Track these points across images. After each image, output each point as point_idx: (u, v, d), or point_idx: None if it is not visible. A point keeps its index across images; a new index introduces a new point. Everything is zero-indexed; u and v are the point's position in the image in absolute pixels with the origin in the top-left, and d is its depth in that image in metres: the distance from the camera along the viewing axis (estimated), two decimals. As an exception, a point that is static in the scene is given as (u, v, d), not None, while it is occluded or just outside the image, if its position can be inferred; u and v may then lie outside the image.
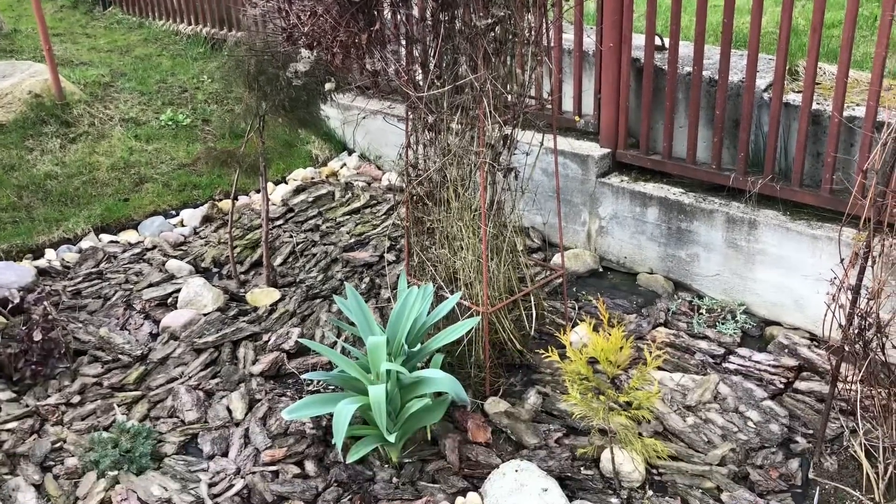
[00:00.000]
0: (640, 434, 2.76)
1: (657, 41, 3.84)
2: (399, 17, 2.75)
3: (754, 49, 3.33)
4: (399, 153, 3.15)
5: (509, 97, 2.80)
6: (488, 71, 2.64)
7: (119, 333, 3.54)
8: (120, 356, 3.38)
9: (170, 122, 5.19)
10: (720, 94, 3.50)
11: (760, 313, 3.52)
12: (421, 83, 2.87)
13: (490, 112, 2.74)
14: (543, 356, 2.91)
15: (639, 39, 3.93)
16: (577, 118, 4.17)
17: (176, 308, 3.70)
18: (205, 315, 3.63)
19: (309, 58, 2.62)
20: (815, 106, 3.39)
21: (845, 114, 3.26)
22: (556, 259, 4.01)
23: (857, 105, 3.38)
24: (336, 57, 2.65)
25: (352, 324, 3.14)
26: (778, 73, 3.29)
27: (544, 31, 2.83)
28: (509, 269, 3.14)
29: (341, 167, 5.21)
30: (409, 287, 2.88)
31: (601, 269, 4.01)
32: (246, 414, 3.02)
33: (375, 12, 2.66)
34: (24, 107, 4.91)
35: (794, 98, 3.49)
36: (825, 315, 2.49)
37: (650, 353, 2.60)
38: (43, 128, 4.89)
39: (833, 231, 3.24)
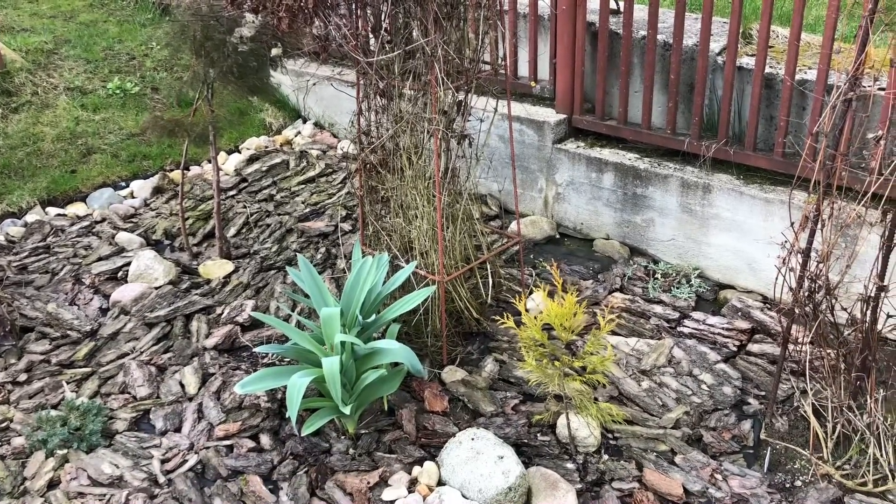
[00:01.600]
0: (595, 399, 2.77)
1: (612, 4, 3.80)
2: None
3: (708, 12, 3.32)
4: (351, 120, 3.09)
5: (463, 62, 2.75)
6: (440, 35, 2.59)
7: (68, 309, 3.45)
8: (69, 332, 3.30)
9: (117, 91, 5.04)
10: (674, 58, 3.48)
11: (715, 277, 3.55)
12: (372, 48, 2.81)
13: (442, 78, 2.69)
14: (500, 323, 2.90)
15: (594, 2, 3.89)
16: (532, 83, 4.13)
17: (126, 282, 3.62)
18: (156, 289, 3.55)
19: (254, 22, 2.54)
20: (768, 69, 3.39)
21: (798, 77, 3.26)
22: (514, 227, 3.99)
23: (809, 69, 3.39)
24: (282, 21, 2.57)
25: (306, 296, 3.10)
26: (731, 37, 3.28)
27: (496, -6, 2.78)
28: (465, 237, 3.12)
29: (296, 135, 5.12)
30: (363, 257, 2.84)
31: (558, 236, 4.01)
32: (199, 388, 2.98)
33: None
34: (-39, 75, 4.73)
35: (747, 62, 3.49)
36: (776, 278, 2.51)
37: (604, 318, 2.61)
38: (-18, 97, 4.72)
39: (785, 195, 3.26)
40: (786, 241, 2.48)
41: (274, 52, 3.30)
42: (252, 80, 3.36)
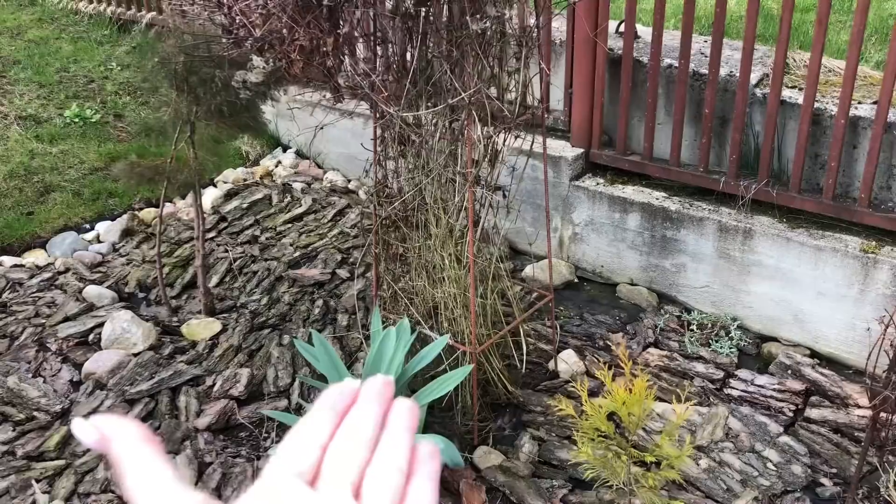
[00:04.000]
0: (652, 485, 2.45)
1: (620, 29, 3.49)
2: (369, 14, 2.30)
3: (750, 40, 3.02)
4: (365, 169, 2.71)
5: (502, 107, 2.39)
6: (479, 80, 2.23)
7: (32, 383, 3.00)
8: (35, 413, 2.86)
9: (76, 119, 4.56)
10: (709, 90, 3.18)
11: (755, 328, 3.26)
12: (389, 86, 2.44)
13: (478, 125, 2.33)
14: (556, 410, 2.54)
15: (613, 26, 3.57)
16: (545, 111, 3.79)
17: (100, 348, 3.17)
18: (135, 356, 3.12)
19: (263, 67, 2.15)
20: (815, 104, 3.11)
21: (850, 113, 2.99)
22: (528, 270, 3.65)
23: (860, 103, 3.12)
24: (295, 65, 2.18)
25: (322, 378, 2.69)
26: (777, 68, 2.99)
27: (535, 29, 2.43)
28: (495, 298, 2.77)
29: (276, 166, 4.70)
30: (383, 326, 2.47)
31: (577, 280, 3.68)
32: (196, 483, 2.56)
33: (342, 11, 2.20)
34: None
35: (787, 94, 3.21)
36: (870, 353, 2.22)
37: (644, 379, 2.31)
38: (-77, 130, 4.20)
39: (837, 241, 2.99)
40: (882, 317, 2.19)
41: (252, 77, 2.90)
42: (244, 118, 2.96)
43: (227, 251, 3.88)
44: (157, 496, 0.41)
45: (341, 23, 2.15)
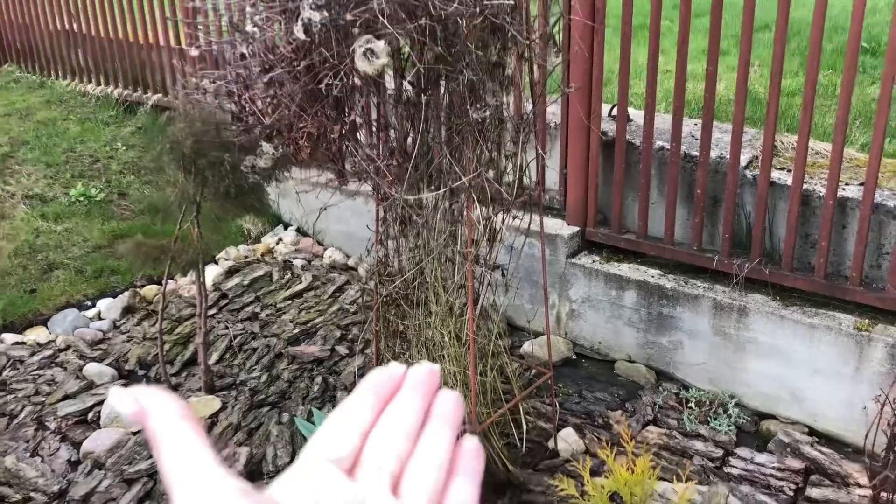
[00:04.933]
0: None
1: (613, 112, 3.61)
2: (373, 101, 2.40)
3: (739, 126, 3.13)
4: (367, 248, 2.78)
5: (500, 190, 2.47)
6: (478, 164, 2.31)
7: (30, 462, 2.99)
8: (33, 494, 2.84)
9: (81, 198, 4.65)
10: (701, 172, 3.28)
11: (753, 405, 3.28)
12: (392, 169, 2.52)
13: (477, 206, 2.41)
14: (559, 490, 2.54)
15: (606, 109, 3.70)
16: (542, 192, 3.89)
17: (99, 426, 3.17)
18: (134, 434, 3.12)
19: (272, 154, 2.23)
20: (804, 186, 3.20)
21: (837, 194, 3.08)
22: (527, 347, 3.69)
23: (847, 184, 3.21)
24: (302, 150, 2.27)
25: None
26: (766, 152, 3.10)
27: (531, 115, 2.54)
28: (495, 375, 2.79)
29: (277, 243, 4.77)
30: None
31: (574, 357, 3.71)
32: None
33: (348, 99, 2.30)
34: None
35: (777, 176, 3.31)
36: (867, 432, 2.24)
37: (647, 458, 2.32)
38: (-69, 209, 4.28)
39: (830, 319, 3.04)
40: (878, 396, 2.22)
41: (263, 162, 2.98)
42: (250, 200, 3.04)
43: (227, 328, 3.91)
44: (193, 477, 0.39)
45: (347, 110, 2.25)
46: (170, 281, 4.33)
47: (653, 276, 3.47)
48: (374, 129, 2.40)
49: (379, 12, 1.92)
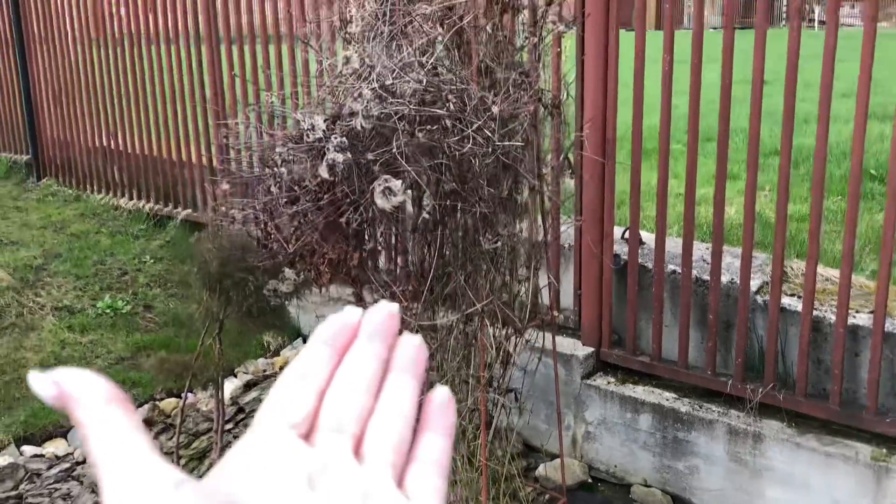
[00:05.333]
0: None
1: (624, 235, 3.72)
2: (391, 229, 2.52)
3: (748, 251, 3.22)
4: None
5: (512, 316, 2.55)
6: (492, 289, 2.40)
7: (40, 580, 2.98)
8: None
9: (108, 310, 4.78)
10: (713, 297, 3.35)
11: (772, 535, 3.22)
12: (408, 294, 2.61)
13: (490, 330, 2.48)
14: None
15: (619, 232, 3.80)
16: (555, 313, 3.95)
17: (111, 544, 3.16)
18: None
19: (293, 279, 2.34)
20: (814, 313, 3.25)
21: (848, 322, 3.12)
22: (541, 470, 3.67)
23: (858, 312, 3.25)
24: (323, 276, 2.37)
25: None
26: (775, 278, 3.16)
27: (544, 244, 2.64)
28: (508, 500, 2.79)
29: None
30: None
31: (590, 480, 3.68)
32: None
33: (367, 228, 2.42)
34: (-57, 297, 4.45)
35: (787, 302, 3.36)
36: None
37: None
38: (-36, 320, 4.41)
39: (847, 448, 3.02)
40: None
41: (285, 286, 3.07)
42: (271, 319, 3.13)
43: (243, 443, 3.92)
44: (125, 467, 0.35)
45: (367, 238, 2.36)
46: (189, 394, 4.38)
47: (667, 400, 3.48)
48: (392, 254, 2.51)
49: (398, 153, 2.05)
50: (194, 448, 3.88)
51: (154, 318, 4.85)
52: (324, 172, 1.94)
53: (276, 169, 2.26)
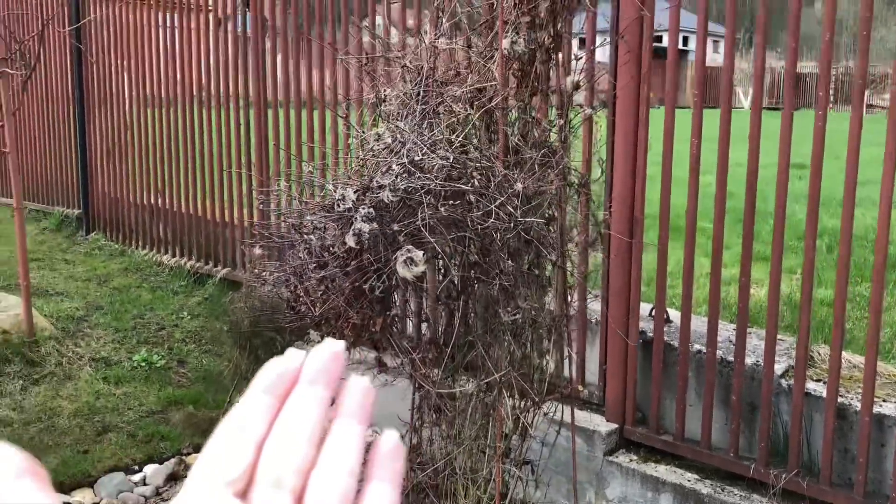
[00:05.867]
0: None
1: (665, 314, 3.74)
2: (413, 299, 2.60)
3: (772, 335, 3.22)
4: (401, 434, 2.88)
5: (529, 390, 2.59)
6: (509, 363, 2.45)
7: None
8: None
9: (143, 364, 4.90)
10: (736, 380, 3.34)
11: None
12: (429, 361, 2.67)
13: (507, 401, 2.52)
14: None
15: (646, 308, 3.83)
16: (580, 387, 3.97)
17: None
18: None
19: (318, 341, 2.42)
20: (840, 400, 3.22)
21: (874, 410, 3.09)
22: (560, 546, 3.63)
23: (884, 401, 3.22)
24: (346, 339, 2.44)
25: None
26: (799, 367, 3.16)
27: (565, 318, 2.69)
28: (520, 575, 2.78)
29: (322, 419, 4.88)
30: None
31: (609, 560, 3.63)
32: None
33: (392, 296, 2.50)
34: (-12, 343, 4.62)
35: (813, 388, 3.34)
36: None
37: None
38: (6, 367, 4.56)
39: (872, 540, 2.95)
40: None
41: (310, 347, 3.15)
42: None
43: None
44: None
45: (390, 305, 2.44)
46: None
47: (689, 481, 3.44)
48: (413, 322, 2.58)
49: (423, 225, 2.14)
50: (216, 505, 3.92)
51: (186, 373, 4.95)
52: (350, 241, 2.04)
53: (306, 235, 2.37)
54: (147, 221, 6.79)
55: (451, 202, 2.24)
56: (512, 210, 2.28)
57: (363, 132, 2.88)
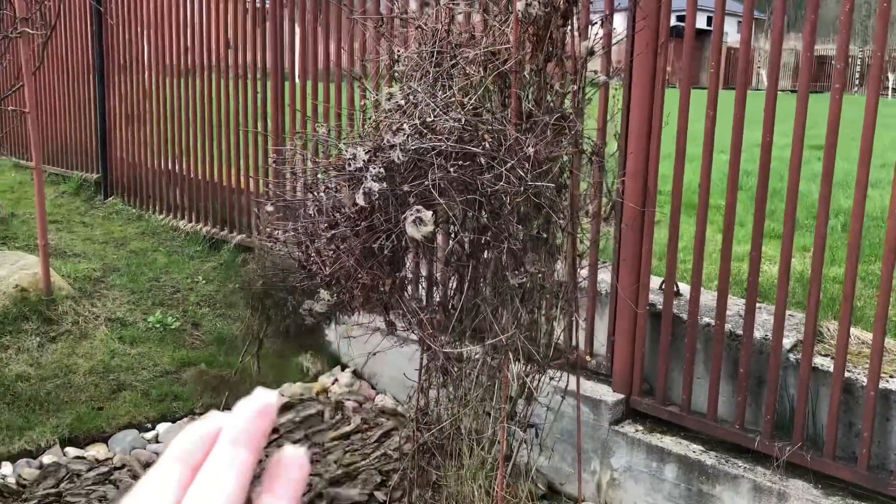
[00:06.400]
0: None
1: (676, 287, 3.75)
2: (423, 261, 2.62)
3: (781, 310, 3.22)
4: (409, 394, 2.92)
5: (535, 353, 2.61)
6: (516, 326, 2.47)
7: (69, 575, 3.11)
8: None
9: (157, 325, 4.97)
10: (744, 352, 3.35)
11: None
12: (437, 322, 2.70)
13: (513, 364, 2.55)
14: None
15: (656, 281, 3.84)
16: (588, 357, 3.99)
17: (138, 547, 3.28)
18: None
19: (327, 300, 2.45)
20: (846, 374, 3.23)
21: (880, 385, 3.09)
22: (563, 512, 3.67)
23: (891, 377, 3.22)
24: (356, 299, 2.48)
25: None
26: (807, 342, 3.16)
27: (570, 285, 2.71)
28: (522, 536, 2.82)
29: (333, 383, 4.94)
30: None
31: (612, 527, 3.67)
32: None
33: (401, 257, 2.53)
34: (7, 301, 4.69)
35: (820, 362, 3.35)
36: None
37: None
38: (24, 324, 4.64)
39: (873, 513, 2.97)
40: None
41: (319, 307, 3.18)
42: (307, 339, 3.25)
43: (274, 463, 4.03)
44: None
45: (401, 267, 2.47)
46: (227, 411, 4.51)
47: (694, 452, 3.47)
48: (422, 284, 2.61)
49: (433, 186, 2.16)
50: (227, 463, 3.99)
51: (200, 335, 5.02)
52: (360, 199, 2.06)
53: (317, 194, 2.39)
54: (164, 187, 6.84)
55: (459, 164, 2.25)
56: (523, 174, 2.29)
57: (377, 94, 2.89)
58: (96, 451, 4.06)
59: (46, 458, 3.92)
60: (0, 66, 6.91)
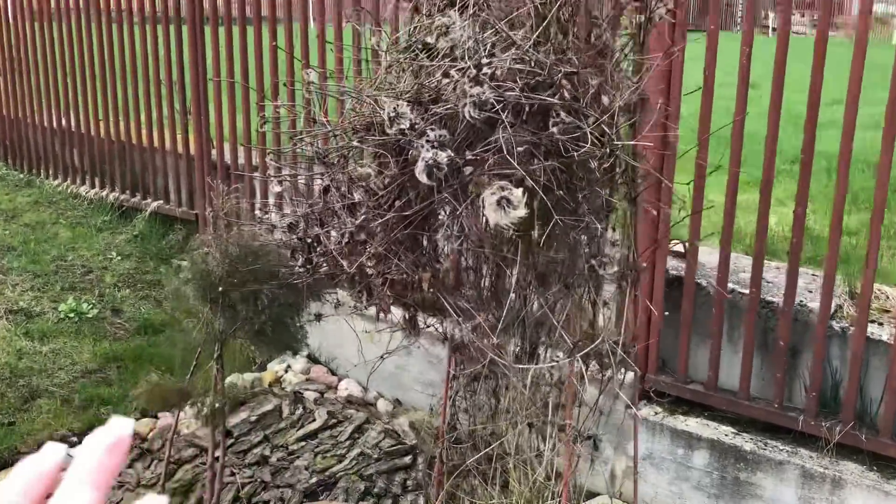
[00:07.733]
0: None
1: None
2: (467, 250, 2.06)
3: (831, 272, 2.85)
4: (431, 406, 2.38)
5: (599, 351, 2.11)
6: (591, 326, 1.96)
7: None
8: None
9: (71, 314, 4.20)
10: (784, 323, 2.97)
11: (850, 593, 2.87)
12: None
13: (582, 369, 2.05)
14: None
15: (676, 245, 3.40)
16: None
17: None
18: None
19: (349, 306, 1.86)
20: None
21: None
22: (579, 510, 3.25)
23: (952, 344, 2.91)
24: (383, 301, 1.90)
25: None
26: (862, 308, 2.80)
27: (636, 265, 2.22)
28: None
29: (286, 371, 4.33)
30: None
31: (633, 523, 3.27)
32: None
33: (437, 239, 1.95)
34: None
35: (871, 330, 3.00)
36: None
37: None
38: None
39: (945, 498, 2.68)
40: None
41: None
42: (286, 337, 2.64)
43: (233, 474, 3.42)
44: None
45: (440, 258, 1.90)
46: (166, 413, 3.85)
47: (726, 435, 3.10)
48: (468, 276, 2.05)
49: (507, 151, 1.60)
50: (178, 480, 3.36)
51: (123, 323, 4.28)
52: (423, 177, 1.47)
53: (332, 167, 1.79)
54: (57, 147, 5.90)
55: (530, 120, 1.70)
56: (607, 130, 1.75)
57: (374, 32, 2.28)
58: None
59: (-50, 495, 3.17)
60: None
